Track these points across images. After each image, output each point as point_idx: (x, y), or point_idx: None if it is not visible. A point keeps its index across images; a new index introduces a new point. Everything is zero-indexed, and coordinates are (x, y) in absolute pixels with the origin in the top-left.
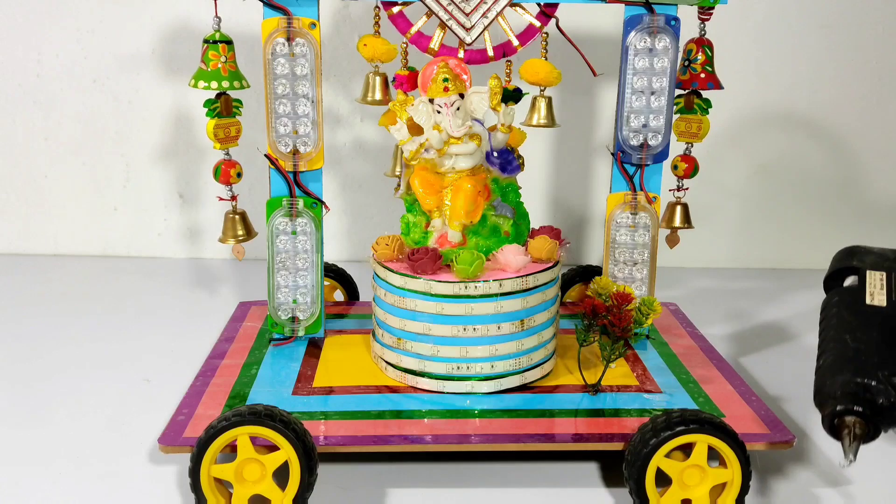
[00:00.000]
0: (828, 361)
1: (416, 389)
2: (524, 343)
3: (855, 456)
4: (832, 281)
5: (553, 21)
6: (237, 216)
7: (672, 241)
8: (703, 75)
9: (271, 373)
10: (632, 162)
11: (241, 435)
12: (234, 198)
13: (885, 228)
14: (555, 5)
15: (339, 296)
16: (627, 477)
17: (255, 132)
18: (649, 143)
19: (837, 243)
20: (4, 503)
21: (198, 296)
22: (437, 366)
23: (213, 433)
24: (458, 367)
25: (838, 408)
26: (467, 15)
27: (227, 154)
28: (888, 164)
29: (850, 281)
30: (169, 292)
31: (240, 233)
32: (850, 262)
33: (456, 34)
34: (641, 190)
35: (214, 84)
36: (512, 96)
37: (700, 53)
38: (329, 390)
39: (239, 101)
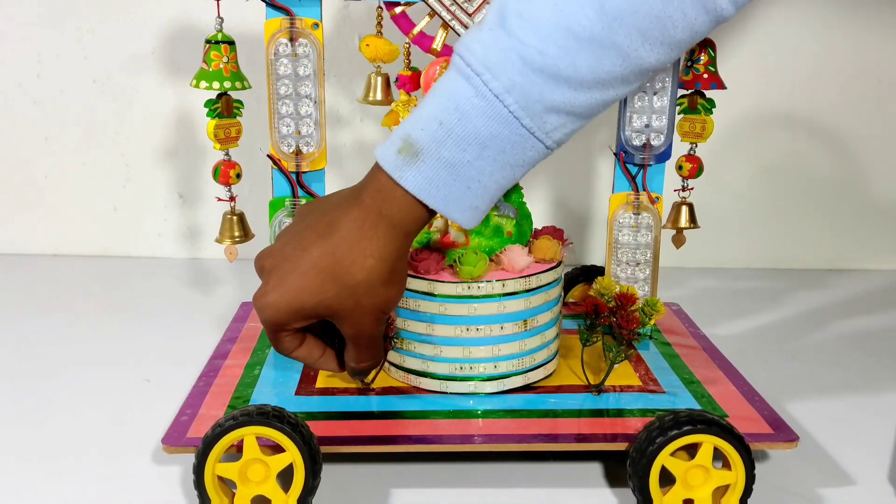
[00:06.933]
0: None
1: (418, 390)
2: (527, 343)
3: None
4: None
5: None
6: (235, 217)
7: (678, 241)
8: (706, 76)
9: (274, 373)
10: (634, 162)
11: (248, 435)
12: (232, 198)
13: (886, 229)
14: None
15: None
16: (631, 474)
17: (255, 133)
18: (652, 143)
19: (840, 243)
20: None
21: (199, 296)
22: (439, 366)
23: (220, 431)
24: (461, 368)
25: None
26: (470, 15)
27: (227, 155)
28: (890, 165)
29: None
30: (169, 293)
31: (237, 234)
32: None
33: (458, 35)
34: (644, 190)
35: (216, 84)
36: None
37: (703, 54)
38: (332, 391)
39: (240, 101)
